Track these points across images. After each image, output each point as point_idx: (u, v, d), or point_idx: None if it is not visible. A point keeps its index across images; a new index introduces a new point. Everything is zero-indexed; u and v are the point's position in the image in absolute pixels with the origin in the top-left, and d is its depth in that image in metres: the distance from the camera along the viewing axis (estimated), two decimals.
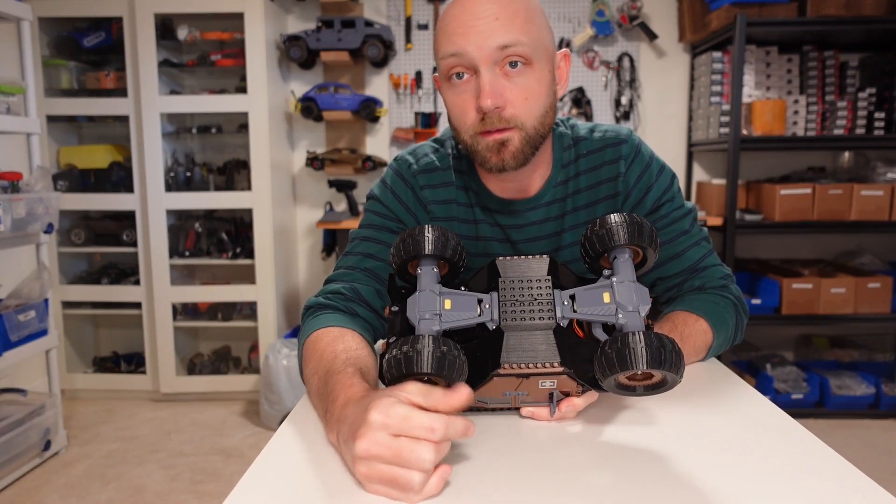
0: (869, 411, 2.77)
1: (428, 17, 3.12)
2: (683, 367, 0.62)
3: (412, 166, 1.01)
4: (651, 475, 0.62)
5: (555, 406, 0.72)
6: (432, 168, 1.00)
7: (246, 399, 3.00)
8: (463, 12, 0.84)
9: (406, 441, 0.57)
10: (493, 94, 0.82)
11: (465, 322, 0.70)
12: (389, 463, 0.57)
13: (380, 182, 1.03)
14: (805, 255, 3.18)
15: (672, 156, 3.19)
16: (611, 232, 0.70)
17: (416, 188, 1.00)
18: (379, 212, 1.00)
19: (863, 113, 2.75)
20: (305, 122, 3.18)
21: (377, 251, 0.97)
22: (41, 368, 2.79)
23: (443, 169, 1.01)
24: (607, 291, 0.69)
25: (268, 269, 2.92)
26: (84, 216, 3.07)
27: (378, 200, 1.01)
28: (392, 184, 1.01)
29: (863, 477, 0.61)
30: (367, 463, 0.58)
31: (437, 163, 1.01)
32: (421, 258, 0.74)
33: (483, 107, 0.82)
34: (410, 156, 1.02)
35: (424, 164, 1.01)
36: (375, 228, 0.99)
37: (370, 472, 0.58)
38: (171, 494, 2.15)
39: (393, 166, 1.03)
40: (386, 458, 0.57)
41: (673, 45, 3.13)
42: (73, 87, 2.97)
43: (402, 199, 1.00)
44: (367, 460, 0.58)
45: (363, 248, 0.98)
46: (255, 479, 0.63)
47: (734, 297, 0.99)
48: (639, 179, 0.98)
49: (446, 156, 1.01)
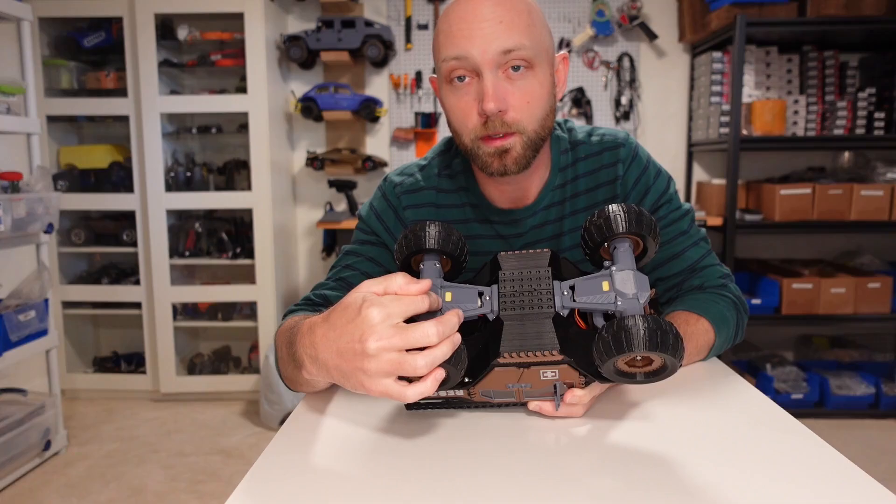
0: (869, 411, 2.77)
1: (428, 17, 3.12)
2: (683, 351, 0.62)
3: (397, 187, 1.02)
4: (654, 476, 0.62)
5: (559, 399, 0.72)
6: (416, 188, 1.02)
7: (246, 399, 3.00)
8: (466, 14, 0.83)
9: (408, 326, 0.61)
10: (496, 98, 0.82)
11: (466, 314, 0.70)
12: (399, 349, 0.61)
13: (368, 203, 1.05)
14: (805, 255, 3.18)
15: (672, 156, 3.19)
16: (609, 221, 0.70)
17: (398, 209, 1.01)
18: (363, 230, 1.04)
19: (863, 113, 2.75)
20: (305, 122, 3.18)
21: (356, 262, 1.01)
22: (41, 368, 2.78)
23: (427, 188, 1.02)
24: (606, 280, 0.69)
25: (268, 269, 2.92)
26: (84, 216, 3.07)
27: (363, 221, 1.04)
28: (377, 205, 1.03)
29: (864, 475, 0.61)
30: (377, 359, 0.61)
31: (423, 182, 1.02)
32: (423, 253, 0.76)
33: (486, 110, 0.82)
34: (397, 176, 1.04)
35: (409, 184, 1.02)
36: (359, 243, 1.03)
37: (379, 365, 0.61)
38: (171, 494, 2.15)
39: (381, 187, 1.04)
40: (396, 345, 0.61)
41: (673, 45, 3.13)
42: (73, 87, 2.97)
43: (383, 218, 1.01)
44: (376, 356, 0.61)
45: (344, 261, 1.02)
46: (257, 479, 0.63)
47: (734, 296, 0.99)
48: (637, 182, 0.98)
49: (433, 175, 1.02)
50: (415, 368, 0.61)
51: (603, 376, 0.67)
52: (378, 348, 0.61)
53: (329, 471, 0.64)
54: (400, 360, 0.61)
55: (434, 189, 1.01)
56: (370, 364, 0.62)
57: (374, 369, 0.62)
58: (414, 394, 0.63)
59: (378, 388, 0.63)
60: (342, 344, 0.64)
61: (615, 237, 0.71)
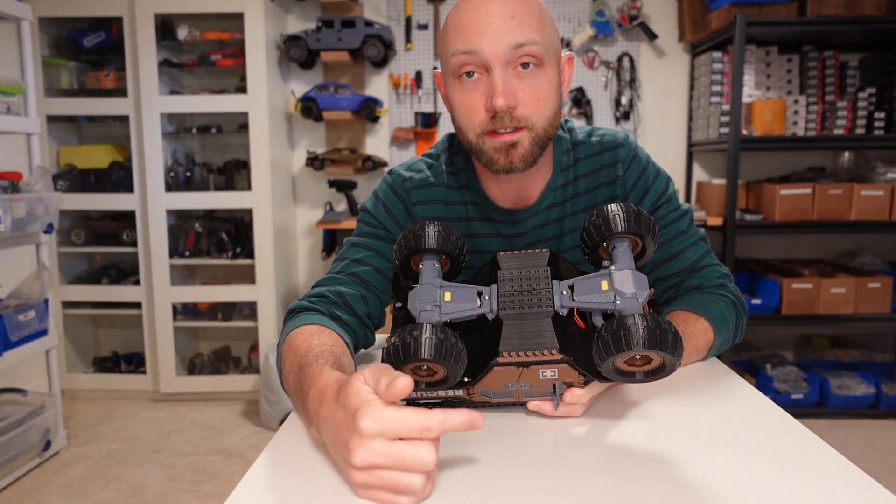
0: (869, 411, 2.77)
1: (428, 17, 3.12)
2: (682, 349, 0.62)
3: (406, 181, 0.99)
4: (653, 476, 0.62)
5: (558, 398, 0.72)
6: (427, 184, 0.99)
7: (246, 399, 3.00)
8: (478, 8, 0.82)
9: (404, 445, 0.56)
10: (505, 94, 0.81)
11: (465, 313, 0.71)
12: (390, 469, 0.56)
13: (372, 195, 1.02)
14: (805, 255, 3.18)
15: (672, 156, 3.19)
16: (608, 221, 0.70)
17: (408, 204, 0.99)
18: (370, 223, 1.00)
19: (863, 113, 2.75)
20: (305, 122, 3.18)
21: (366, 257, 0.96)
22: (41, 368, 2.78)
23: (437, 185, 1.00)
24: (605, 279, 0.69)
25: (268, 269, 2.92)
26: (84, 216, 3.07)
27: (369, 213, 1.00)
28: (384, 198, 1.00)
29: (863, 475, 0.61)
30: (366, 472, 0.57)
31: (433, 179, 1.00)
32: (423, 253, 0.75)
33: (496, 106, 0.81)
34: (406, 170, 1.01)
35: (419, 179, 1.00)
36: (366, 236, 0.99)
37: (370, 480, 0.57)
38: (170, 494, 2.15)
39: (387, 180, 1.01)
40: (387, 465, 0.56)
41: (673, 45, 3.13)
42: (73, 87, 2.97)
43: (393, 213, 0.99)
44: (366, 470, 0.56)
45: (352, 253, 0.97)
46: (256, 479, 0.63)
47: (733, 295, 0.99)
48: (636, 182, 0.98)
49: (441, 172, 1.01)
50: (410, 488, 0.56)
51: (602, 375, 0.67)
52: (366, 463, 0.56)
53: (329, 471, 0.64)
54: (392, 478, 0.56)
55: (444, 186, 1.00)
56: (358, 476, 0.57)
57: (361, 481, 0.57)
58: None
59: (368, 496, 0.58)
60: (338, 437, 0.60)
61: (614, 237, 0.71)
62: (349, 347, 0.86)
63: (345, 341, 0.85)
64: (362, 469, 0.56)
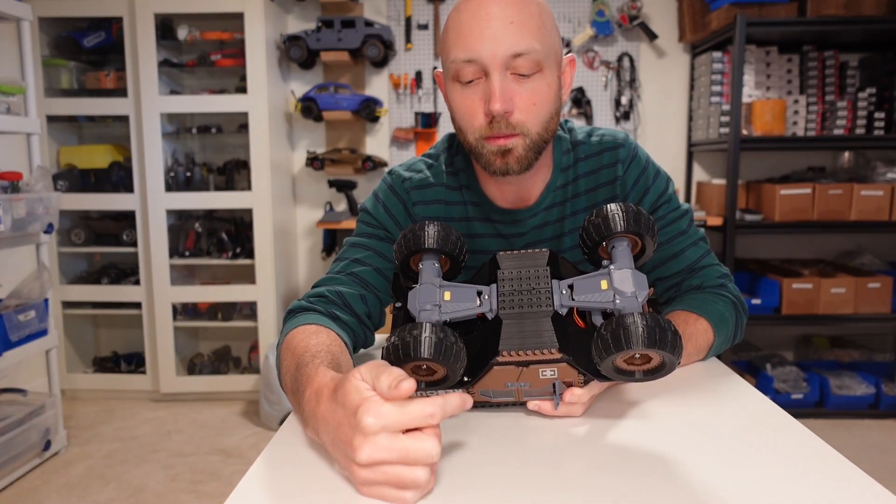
0: (869, 411, 2.77)
1: (428, 17, 3.12)
2: (681, 348, 0.62)
3: (406, 182, 0.99)
4: (653, 475, 0.62)
5: (558, 398, 0.72)
6: (426, 184, 1.00)
7: (246, 399, 3.00)
8: (477, 12, 0.82)
9: (408, 439, 0.56)
10: (502, 100, 0.81)
11: (465, 312, 0.71)
12: (395, 464, 0.56)
13: (372, 195, 1.02)
14: (805, 255, 3.18)
15: (672, 156, 3.19)
16: (608, 220, 0.71)
17: (408, 204, 0.99)
18: (369, 223, 1.00)
19: (863, 113, 2.75)
20: (305, 122, 3.18)
21: (366, 257, 0.96)
22: (41, 368, 2.79)
23: (437, 185, 1.00)
24: (605, 279, 0.69)
25: (268, 269, 2.92)
26: (84, 216, 3.07)
27: (369, 213, 1.00)
28: (384, 198, 1.00)
29: (863, 475, 0.61)
30: (371, 469, 0.56)
31: (432, 179, 1.00)
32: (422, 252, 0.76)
33: (492, 111, 0.82)
34: (405, 171, 1.01)
35: (419, 179, 1.00)
36: (366, 236, 0.99)
37: (374, 476, 0.57)
38: (170, 494, 2.15)
39: (387, 180, 1.01)
40: (392, 460, 0.56)
41: (673, 45, 3.13)
42: (73, 87, 2.97)
43: (393, 213, 0.99)
44: (370, 467, 0.56)
45: (352, 253, 0.97)
46: (256, 479, 0.63)
47: (733, 296, 0.99)
48: (636, 182, 0.98)
49: (441, 172, 1.01)
50: (415, 482, 0.56)
51: (602, 374, 0.67)
52: (371, 460, 0.56)
53: (329, 471, 0.64)
54: (397, 473, 0.56)
55: (443, 186, 1.00)
56: (362, 473, 0.57)
57: (365, 479, 0.57)
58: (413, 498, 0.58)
59: (372, 493, 0.58)
60: (339, 436, 0.59)
61: (613, 236, 0.71)
62: (348, 347, 0.86)
63: (343, 341, 0.85)
64: (367, 466, 0.56)
